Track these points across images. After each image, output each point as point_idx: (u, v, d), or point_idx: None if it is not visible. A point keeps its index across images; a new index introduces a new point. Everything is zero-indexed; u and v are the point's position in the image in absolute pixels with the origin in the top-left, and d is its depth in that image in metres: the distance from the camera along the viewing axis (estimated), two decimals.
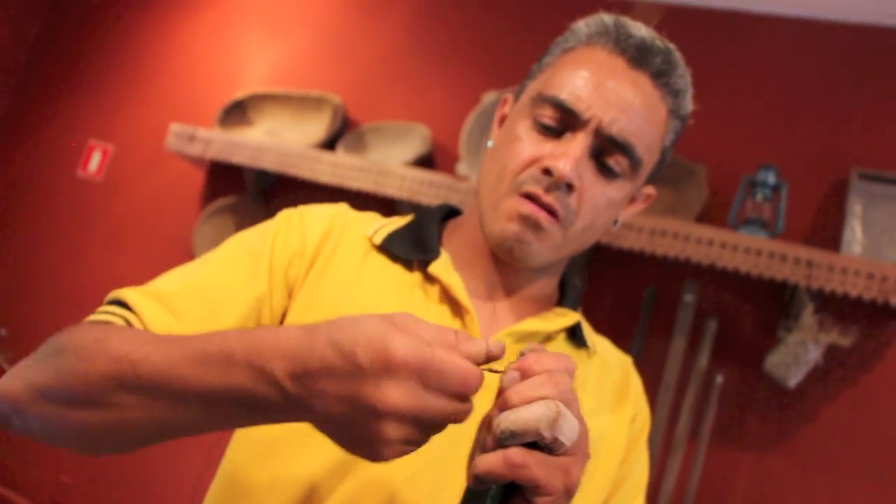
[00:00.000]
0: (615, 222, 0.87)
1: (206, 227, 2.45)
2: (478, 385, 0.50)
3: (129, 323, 0.71)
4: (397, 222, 0.91)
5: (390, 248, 0.85)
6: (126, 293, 0.75)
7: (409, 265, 0.85)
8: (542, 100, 0.79)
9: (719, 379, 1.85)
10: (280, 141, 2.35)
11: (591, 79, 0.78)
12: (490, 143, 0.87)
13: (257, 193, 2.45)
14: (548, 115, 0.79)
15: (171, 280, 0.79)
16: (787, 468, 1.78)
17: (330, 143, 2.33)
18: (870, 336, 1.78)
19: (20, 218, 2.90)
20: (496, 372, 0.54)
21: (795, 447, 1.78)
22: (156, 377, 0.55)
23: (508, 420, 0.50)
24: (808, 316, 1.74)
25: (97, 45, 2.96)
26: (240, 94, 2.51)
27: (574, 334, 0.90)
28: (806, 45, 1.99)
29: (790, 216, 1.87)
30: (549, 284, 0.90)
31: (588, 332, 0.93)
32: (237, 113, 2.50)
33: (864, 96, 1.91)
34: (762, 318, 1.88)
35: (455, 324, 0.81)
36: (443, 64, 2.35)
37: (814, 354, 1.73)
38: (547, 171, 0.77)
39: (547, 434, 0.49)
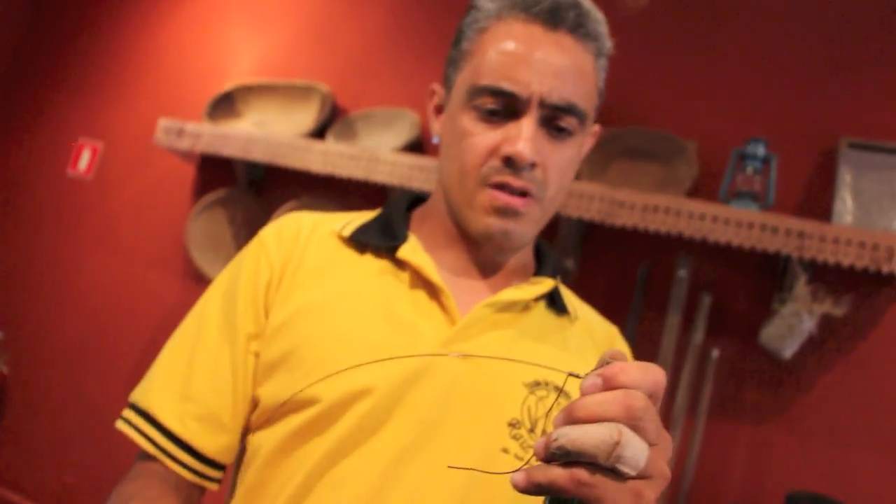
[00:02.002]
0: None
1: (199, 221, 2.44)
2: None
3: (154, 442, 0.80)
4: (365, 216, 0.93)
5: (359, 238, 0.88)
6: (146, 401, 0.82)
7: (379, 253, 0.87)
8: (479, 91, 0.81)
9: (715, 353, 1.85)
10: (269, 132, 2.35)
11: (518, 55, 0.79)
12: (436, 139, 0.90)
13: (248, 185, 2.44)
14: (489, 103, 0.80)
15: (177, 361, 0.84)
16: (786, 439, 1.79)
17: (319, 132, 2.33)
18: (863, 305, 1.78)
19: (12, 219, 2.89)
20: (577, 377, 0.51)
21: (793, 418, 1.79)
22: None
23: (566, 437, 0.47)
24: (801, 287, 1.74)
25: (83, 43, 2.94)
26: (227, 86, 2.50)
27: (554, 301, 0.91)
28: (791, 16, 1.98)
29: (781, 188, 1.87)
30: (524, 255, 0.92)
31: (569, 297, 0.95)
32: (225, 105, 2.49)
33: (851, 65, 1.91)
34: (756, 290, 1.88)
35: (431, 305, 0.83)
36: (428, 49, 2.34)
37: (808, 325, 1.73)
38: (508, 160, 0.79)
39: (603, 462, 0.46)
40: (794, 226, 1.72)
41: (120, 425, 0.83)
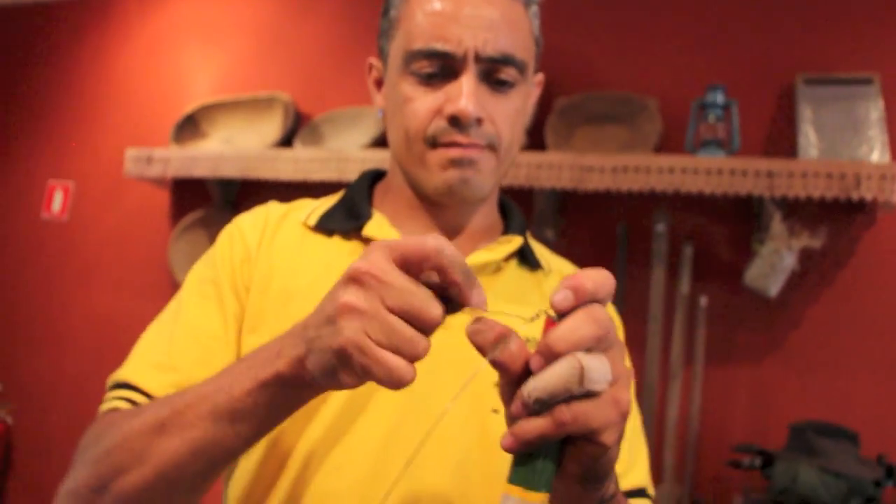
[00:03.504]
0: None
1: (180, 244, 2.45)
2: (449, 254, 0.51)
3: (137, 404, 0.76)
4: (329, 201, 0.92)
5: (326, 225, 0.87)
6: (126, 374, 0.79)
7: (347, 236, 0.87)
8: (414, 55, 0.80)
9: (703, 301, 1.89)
10: (237, 147, 2.35)
11: (446, 14, 0.79)
12: (380, 113, 0.89)
13: (224, 202, 2.45)
14: (425, 66, 0.80)
15: (157, 338, 0.82)
16: (783, 374, 1.83)
17: (287, 141, 2.34)
18: (839, 234, 1.83)
19: None
20: (551, 318, 0.51)
21: (787, 353, 1.83)
22: (203, 406, 0.62)
23: (538, 390, 0.48)
24: (777, 224, 1.77)
25: (38, 85, 2.93)
26: (189, 108, 2.50)
27: (525, 258, 0.91)
28: None
29: (745, 132, 1.90)
30: (489, 215, 0.91)
31: (541, 251, 0.94)
32: (190, 127, 2.49)
33: (798, 2, 1.94)
34: (734, 234, 1.92)
35: None
36: None
37: (789, 261, 1.77)
38: (453, 119, 0.79)
39: (578, 392, 0.48)
40: (761, 166, 1.75)
41: (101, 408, 0.79)
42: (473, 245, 0.88)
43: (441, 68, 0.80)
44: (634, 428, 0.88)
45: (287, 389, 0.58)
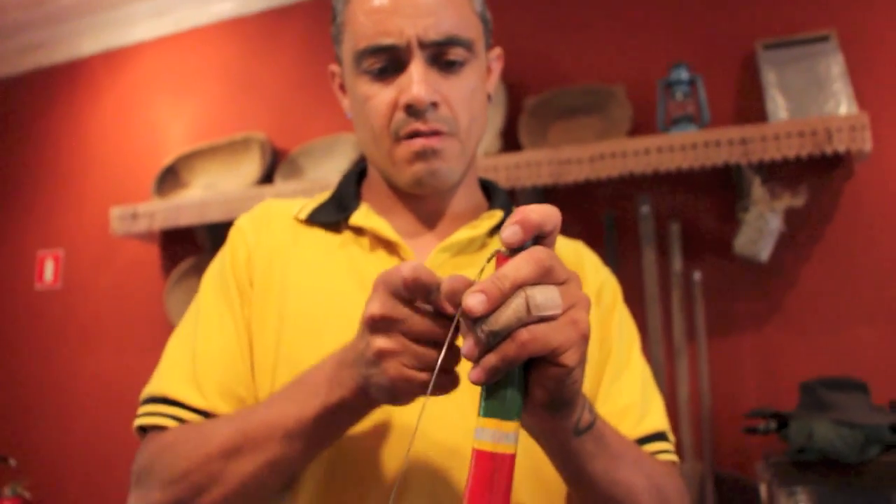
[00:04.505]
0: (489, 97, 0.92)
1: (176, 294, 2.46)
2: (421, 272, 0.57)
3: (181, 420, 0.80)
4: (321, 197, 0.95)
5: (317, 218, 0.90)
6: (162, 388, 0.82)
7: (337, 228, 0.90)
8: (362, 54, 0.82)
9: (697, 276, 1.90)
10: (220, 191, 2.38)
11: (384, 9, 0.81)
12: (349, 114, 0.92)
13: (214, 247, 2.46)
14: (374, 62, 0.82)
15: (182, 352, 0.85)
16: (786, 336, 1.84)
17: (267, 178, 2.37)
18: (820, 190, 1.84)
19: None
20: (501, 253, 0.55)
21: (787, 315, 1.84)
22: (275, 430, 0.69)
23: (489, 323, 0.51)
24: (757, 189, 1.79)
25: (16, 157, 2.96)
26: (168, 159, 2.53)
27: None
28: None
29: (713, 104, 1.93)
30: (470, 197, 0.93)
31: None
32: (170, 179, 2.51)
33: None
34: (718, 206, 1.93)
35: (392, 261, 0.85)
36: None
37: (775, 223, 1.78)
38: (409, 107, 0.81)
39: (528, 320, 0.51)
40: (734, 135, 1.78)
41: (137, 422, 0.81)
42: (456, 227, 0.90)
43: (390, 62, 0.82)
44: (645, 378, 0.90)
45: (351, 411, 0.67)
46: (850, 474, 1.58)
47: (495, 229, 0.91)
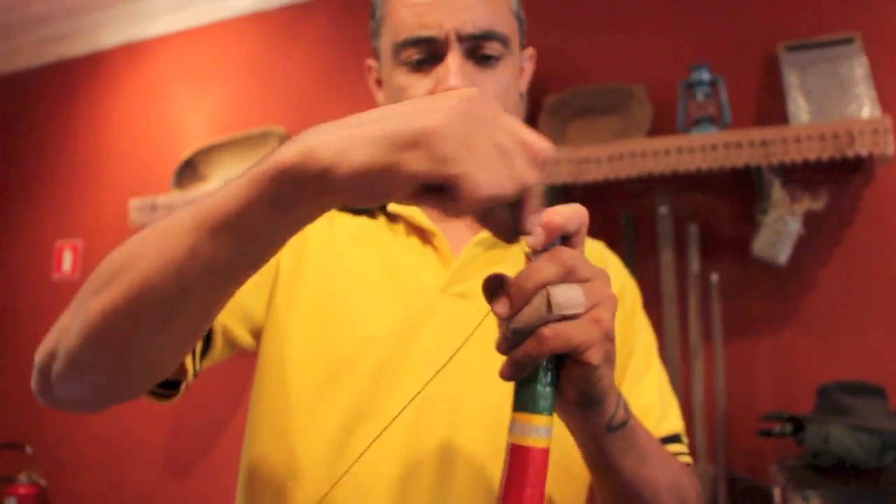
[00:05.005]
0: (521, 95, 0.93)
1: None
2: None
3: None
4: None
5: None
6: None
7: (371, 214, 0.91)
8: (400, 46, 0.84)
9: (714, 277, 1.89)
10: None
11: (425, 2, 0.83)
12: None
13: None
14: (413, 54, 0.84)
15: None
16: (803, 339, 1.83)
17: None
18: (840, 194, 1.83)
19: (8, 334, 2.91)
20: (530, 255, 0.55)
21: (804, 318, 1.83)
22: (192, 217, 0.54)
23: (512, 321, 0.53)
24: (777, 191, 1.78)
25: (36, 148, 2.98)
26: (187, 152, 2.54)
27: None
28: None
29: (734, 105, 1.91)
30: None
31: None
32: (189, 172, 2.52)
33: None
34: (737, 208, 1.93)
35: (426, 250, 0.87)
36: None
37: (794, 226, 1.77)
38: None
39: (552, 318, 0.52)
40: (755, 136, 1.77)
41: None
42: None
43: (428, 53, 0.83)
44: (662, 381, 0.92)
45: (287, 193, 0.49)
46: (866, 480, 1.57)
47: None
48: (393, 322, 0.81)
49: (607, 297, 0.55)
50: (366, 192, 0.48)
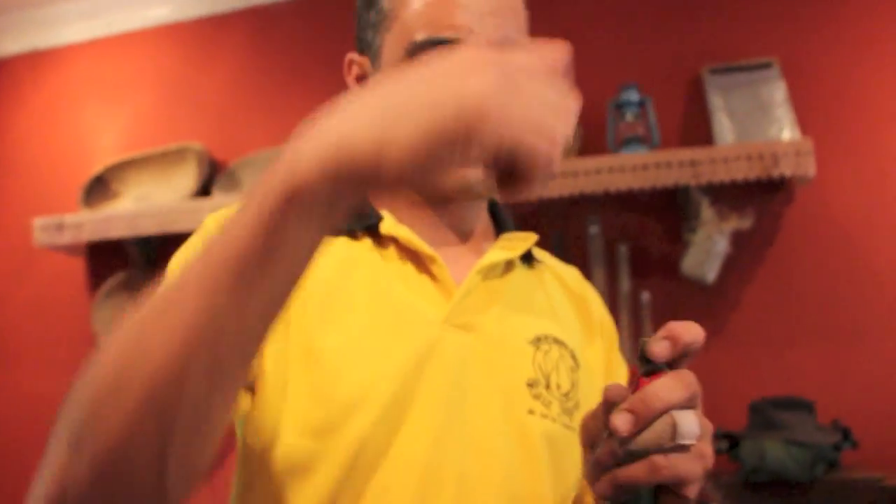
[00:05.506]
0: None
1: (104, 310, 2.33)
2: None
3: None
4: None
5: None
6: None
7: (353, 236, 0.80)
8: (420, 45, 0.76)
9: (646, 296, 1.91)
10: (154, 203, 2.27)
11: (447, 0, 0.77)
12: None
13: (144, 262, 2.36)
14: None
15: None
16: (732, 357, 1.86)
17: (204, 191, 2.27)
18: (764, 213, 1.88)
19: None
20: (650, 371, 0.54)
21: (732, 336, 1.87)
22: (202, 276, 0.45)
23: (629, 443, 0.52)
24: (706, 210, 1.82)
25: None
26: (97, 168, 2.41)
27: (525, 255, 0.87)
28: None
29: (662, 125, 1.94)
30: (484, 211, 0.88)
31: (535, 248, 0.90)
32: (99, 189, 2.40)
33: None
34: (666, 227, 1.96)
35: (423, 278, 0.79)
36: (293, 76, 2.32)
37: (721, 245, 1.81)
38: None
39: (669, 446, 0.52)
40: (685, 156, 1.80)
41: None
42: (479, 244, 0.85)
43: None
44: None
45: (326, 201, 0.43)
46: (799, 494, 1.61)
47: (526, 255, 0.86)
48: (394, 361, 0.72)
49: (709, 428, 0.56)
50: (419, 173, 0.42)
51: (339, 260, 0.77)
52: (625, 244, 1.94)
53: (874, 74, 1.88)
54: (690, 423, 0.52)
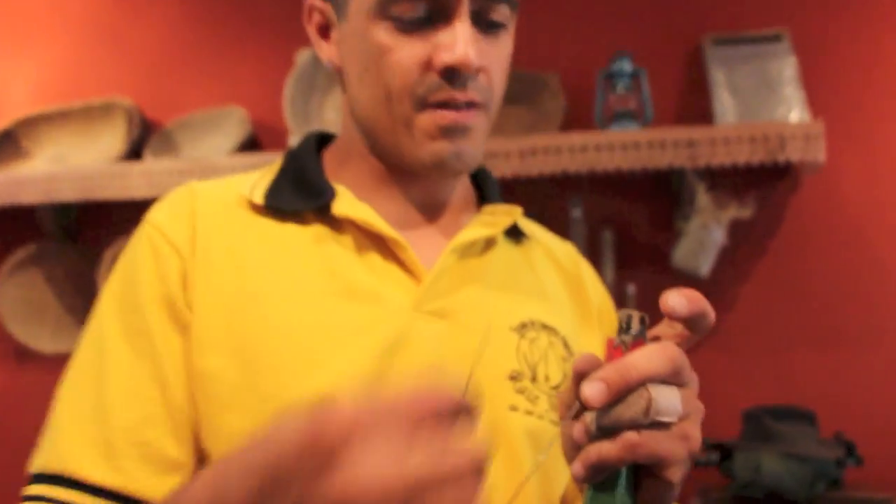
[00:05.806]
0: None
1: (9, 288, 2.10)
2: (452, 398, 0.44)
3: None
4: (270, 172, 0.79)
5: (278, 204, 0.74)
6: (58, 462, 0.64)
7: (301, 219, 0.75)
8: None
9: (631, 289, 1.80)
10: (74, 165, 2.06)
11: None
12: (329, 65, 0.78)
13: (60, 233, 2.14)
14: (409, 10, 0.70)
15: (83, 408, 0.67)
16: (726, 359, 1.76)
17: (134, 153, 2.06)
18: (766, 201, 1.77)
19: None
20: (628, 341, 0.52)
21: (727, 336, 1.76)
22: None
23: (601, 416, 0.50)
24: (702, 196, 1.71)
25: None
26: (4, 123, 2.16)
27: (511, 229, 0.82)
28: None
29: (657, 101, 1.80)
30: (464, 183, 0.83)
31: (523, 221, 0.86)
32: (8, 147, 2.16)
33: None
34: (655, 214, 1.84)
35: (387, 264, 0.73)
36: (241, 32, 2.11)
37: (717, 235, 1.71)
38: (450, 70, 0.69)
39: (644, 422, 0.49)
40: (681, 136, 1.67)
41: None
42: (456, 219, 0.80)
43: (428, 12, 0.70)
44: None
45: None
46: None
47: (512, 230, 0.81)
48: (357, 358, 0.67)
49: (697, 409, 0.54)
50: None
51: (283, 252, 0.73)
52: (610, 230, 1.81)
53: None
54: (670, 398, 0.50)
